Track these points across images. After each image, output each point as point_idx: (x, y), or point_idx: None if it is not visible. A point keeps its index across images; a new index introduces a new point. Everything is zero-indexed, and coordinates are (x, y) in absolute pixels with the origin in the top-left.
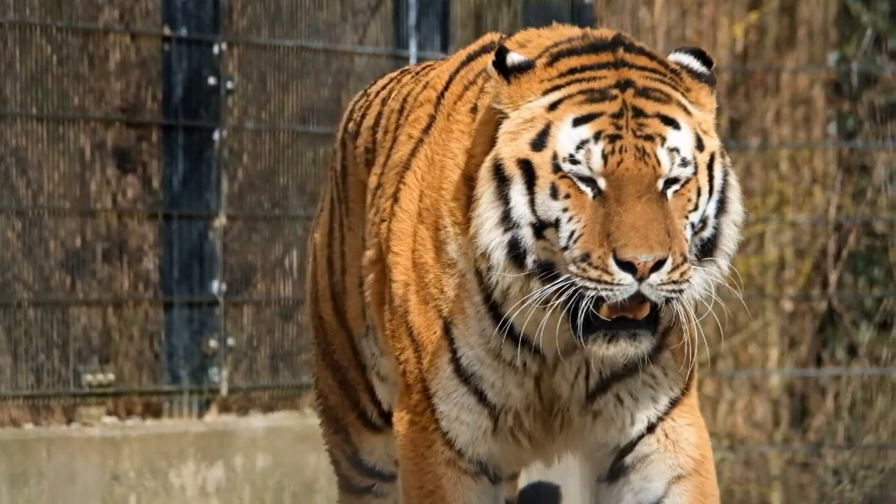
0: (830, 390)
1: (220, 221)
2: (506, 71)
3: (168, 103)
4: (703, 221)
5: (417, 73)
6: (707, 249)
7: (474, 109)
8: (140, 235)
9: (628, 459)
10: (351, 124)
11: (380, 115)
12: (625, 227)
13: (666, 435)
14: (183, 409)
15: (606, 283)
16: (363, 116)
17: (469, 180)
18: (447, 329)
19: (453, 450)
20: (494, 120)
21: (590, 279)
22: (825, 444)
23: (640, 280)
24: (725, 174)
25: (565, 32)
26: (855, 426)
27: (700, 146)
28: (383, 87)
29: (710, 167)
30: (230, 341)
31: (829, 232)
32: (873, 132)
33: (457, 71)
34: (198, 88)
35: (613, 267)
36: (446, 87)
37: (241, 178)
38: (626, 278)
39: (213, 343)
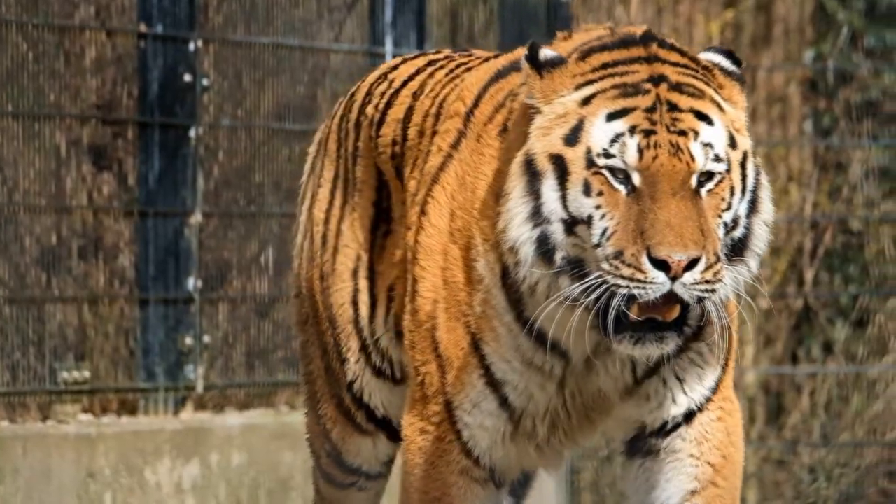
0: (806, 388)
1: (196, 218)
2: (538, 66)
3: (144, 100)
4: (735, 221)
5: (452, 71)
6: (737, 249)
7: (504, 131)
8: (116, 232)
9: (657, 443)
10: (370, 108)
11: (411, 109)
12: (659, 224)
13: (695, 438)
14: (158, 406)
15: (639, 281)
16: (388, 105)
17: (499, 197)
18: (477, 346)
19: (470, 458)
20: (527, 116)
21: (622, 277)
22: (801, 441)
23: (674, 279)
24: (757, 173)
25: (593, 33)
26: (830, 424)
27: (733, 144)
28: (411, 78)
29: (742, 166)
30: (206, 338)
31: (804, 230)
32: (849, 130)
33: (485, 88)
34: (173, 86)
35: (647, 265)
36: (475, 104)
37: (216, 176)
38: (660, 277)
39: (188, 340)
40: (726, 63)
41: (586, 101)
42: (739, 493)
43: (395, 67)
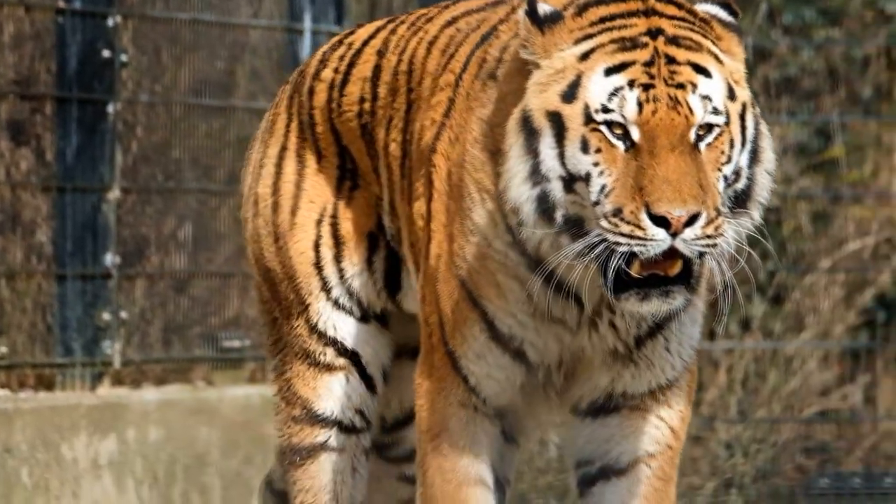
0: (723, 364)
1: (114, 194)
2: (539, 21)
3: (62, 76)
4: (737, 173)
5: (414, 24)
6: (741, 201)
7: (491, 78)
8: (33, 208)
9: (626, 401)
10: (327, 72)
11: (379, 67)
12: (658, 180)
13: (667, 400)
14: (75, 381)
15: (639, 238)
16: (351, 65)
17: (493, 149)
18: (475, 301)
19: (474, 395)
20: (525, 70)
21: (622, 234)
22: (717, 417)
23: (674, 235)
24: (757, 123)
25: None
26: (747, 400)
27: (732, 96)
28: (372, 37)
29: (742, 117)
30: (123, 314)
31: None
32: (767, 106)
33: (472, 53)
34: (92, 61)
35: (646, 222)
36: (464, 69)
37: (134, 151)
38: (660, 233)
39: (106, 316)
40: (723, 14)
41: (584, 57)
42: None
43: (352, 32)
